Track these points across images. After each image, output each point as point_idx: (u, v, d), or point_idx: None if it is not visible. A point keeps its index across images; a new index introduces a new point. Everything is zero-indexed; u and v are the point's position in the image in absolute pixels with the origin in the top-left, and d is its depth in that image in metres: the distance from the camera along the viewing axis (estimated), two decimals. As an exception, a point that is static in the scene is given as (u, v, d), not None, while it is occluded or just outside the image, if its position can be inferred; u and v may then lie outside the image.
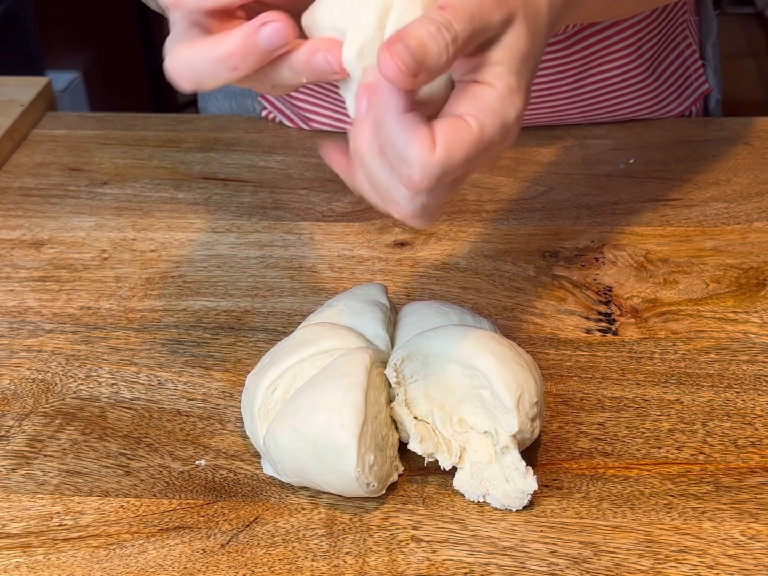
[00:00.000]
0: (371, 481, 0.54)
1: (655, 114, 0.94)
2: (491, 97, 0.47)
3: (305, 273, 0.76)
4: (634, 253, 0.76)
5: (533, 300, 0.71)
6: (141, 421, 0.62)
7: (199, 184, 0.87)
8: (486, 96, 0.47)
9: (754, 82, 2.75)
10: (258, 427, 0.57)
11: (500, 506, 0.55)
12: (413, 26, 0.45)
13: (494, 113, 0.47)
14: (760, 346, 0.66)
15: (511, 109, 0.48)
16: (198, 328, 0.70)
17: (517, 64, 0.49)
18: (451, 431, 0.56)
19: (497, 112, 0.47)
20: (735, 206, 0.81)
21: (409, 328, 0.60)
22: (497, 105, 0.47)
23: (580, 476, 0.57)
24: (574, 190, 0.84)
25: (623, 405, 0.62)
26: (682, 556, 0.52)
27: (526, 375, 0.56)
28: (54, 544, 0.54)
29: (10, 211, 0.85)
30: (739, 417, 0.61)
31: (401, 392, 0.57)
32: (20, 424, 0.62)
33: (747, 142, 0.90)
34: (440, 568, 0.52)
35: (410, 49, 0.44)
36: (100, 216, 0.83)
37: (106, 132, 0.96)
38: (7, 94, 0.98)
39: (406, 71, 0.44)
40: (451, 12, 0.45)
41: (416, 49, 0.44)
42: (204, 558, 0.53)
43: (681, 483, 0.57)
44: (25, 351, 0.68)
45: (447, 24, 0.45)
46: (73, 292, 0.74)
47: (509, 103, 0.48)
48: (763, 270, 0.74)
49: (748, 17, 3.03)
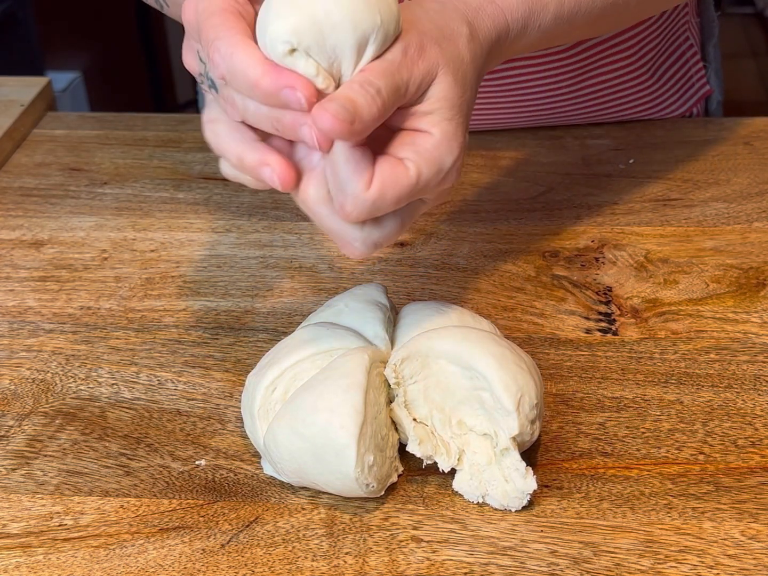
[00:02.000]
0: (371, 482, 0.54)
1: (656, 115, 0.94)
2: (429, 144, 0.51)
3: (305, 273, 0.76)
4: (634, 253, 0.76)
5: (533, 300, 0.72)
6: (141, 421, 0.62)
7: (199, 184, 0.87)
8: (424, 143, 0.51)
9: (754, 82, 2.75)
10: (258, 427, 0.57)
11: (499, 506, 0.55)
12: (339, 90, 0.49)
13: (432, 159, 0.51)
14: (760, 346, 0.66)
15: (449, 155, 0.52)
16: (198, 328, 0.70)
17: (449, 112, 0.52)
18: (450, 433, 0.56)
19: (435, 159, 0.51)
20: (735, 206, 0.81)
21: (409, 329, 0.60)
22: (435, 152, 0.51)
23: (580, 476, 0.57)
24: (574, 190, 0.84)
25: (623, 405, 0.62)
26: (682, 556, 0.52)
27: (526, 377, 0.56)
28: (54, 544, 0.54)
29: (10, 211, 0.85)
30: (739, 417, 0.61)
31: (400, 393, 0.57)
32: (20, 424, 0.62)
33: (747, 142, 0.90)
34: (440, 568, 0.52)
35: (341, 103, 0.48)
36: (100, 216, 0.83)
37: (106, 132, 0.96)
38: (7, 94, 0.98)
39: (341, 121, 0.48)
40: (369, 72, 0.50)
41: (347, 103, 0.48)
42: (204, 558, 0.53)
43: (681, 483, 0.57)
44: (25, 351, 0.68)
45: (368, 81, 0.49)
46: (73, 292, 0.74)
47: (446, 149, 0.52)
48: (763, 270, 0.74)
49: (748, 17, 3.03)
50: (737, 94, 2.12)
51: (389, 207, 0.51)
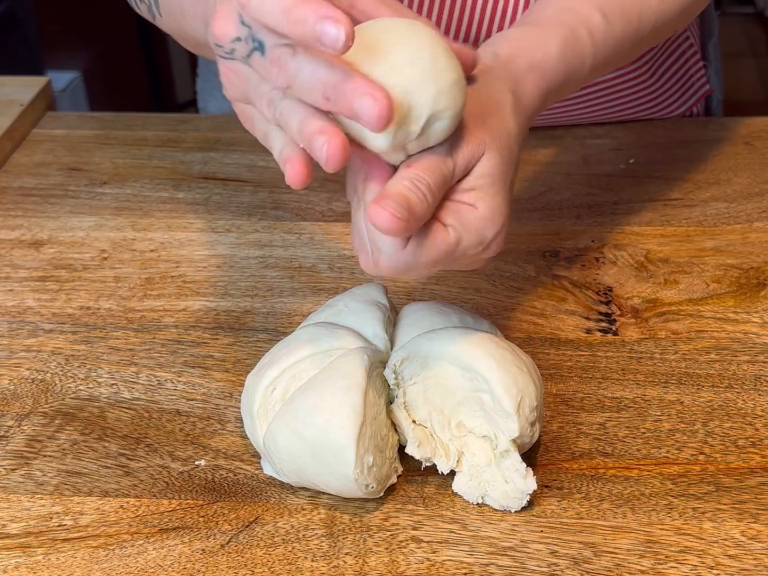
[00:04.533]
0: (370, 483, 0.54)
1: (656, 115, 0.94)
2: (473, 216, 0.53)
3: (305, 273, 0.75)
4: (635, 253, 0.76)
5: (533, 300, 0.71)
6: (141, 422, 0.62)
7: (199, 184, 0.87)
8: (468, 215, 0.53)
9: (754, 81, 2.75)
10: (257, 428, 0.57)
11: (499, 507, 0.55)
12: (391, 185, 0.50)
13: (474, 231, 0.53)
14: (761, 346, 0.66)
15: (491, 229, 0.53)
16: (198, 328, 0.70)
17: (493, 188, 0.54)
18: (450, 435, 0.56)
19: (477, 231, 0.53)
20: (735, 206, 0.81)
21: (409, 329, 0.60)
22: (478, 224, 0.53)
23: (581, 476, 0.57)
24: (575, 190, 0.84)
25: (623, 405, 0.62)
26: (683, 557, 0.52)
27: (527, 379, 0.55)
28: (53, 545, 0.54)
29: (9, 211, 0.84)
30: (739, 417, 0.61)
31: (400, 394, 0.57)
32: (20, 425, 0.62)
33: (747, 142, 0.90)
34: (440, 568, 0.52)
35: (397, 202, 0.49)
36: (100, 216, 0.83)
37: (105, 132, 0.96)
38: (6, 94, 0.98)
39: (399, 218, 0.49)
40: (417, 167, 0.51)
41: (401, 200, 0.49)
42: (204, 558, 0.53)
43: (681, 483, 0.57)
44: (25, 351, 0.68)
45: (418, 177, 0.51)
46: (73, 292, 0.74)
47: (489, 223, 0.53)
48: (763, 270, 0.74)
49: (748, 17, 3.03)
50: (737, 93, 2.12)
51: (423, 268, 0.52)
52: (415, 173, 0.51)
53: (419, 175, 0.51)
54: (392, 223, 0.49)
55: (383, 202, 0.49)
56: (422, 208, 0.50)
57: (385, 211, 0.49)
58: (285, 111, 0.51)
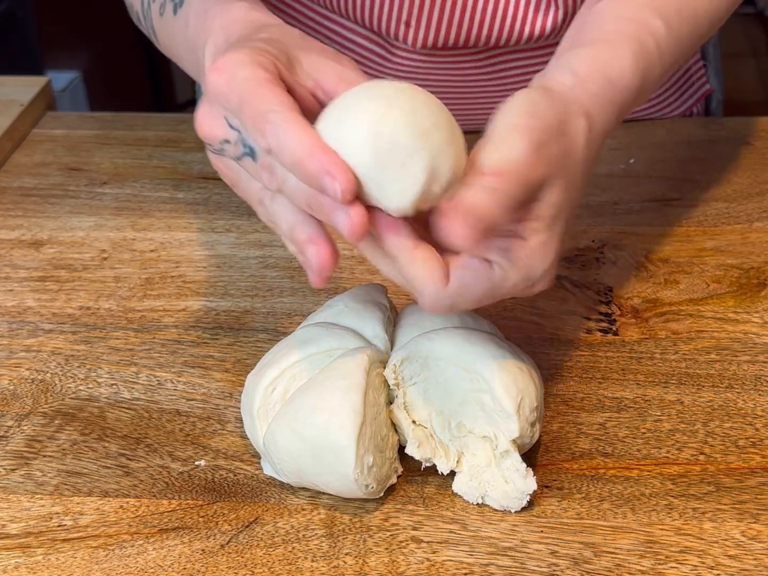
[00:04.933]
0: (370, 483, 0.54)
1: (656, 115, 0.94)
2: (523, 252, 0.51)
3: (305, 273, 0.75)
4: (635, 253, 0.76)
5: (533, 300, 0.71)
6: (140, 422, 0.62)
7: (199, 184, 0.87)
8: (517, 250, 0.50)
9: (754, 81, 2.74)
10: (257, 428, 0.57)
11: (499, 507, 0.55)
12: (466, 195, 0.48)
13: (522, 267, 0.51)
14: (761, 347, 0.66)
15: (541, 265, 0.51)
16: (197, 328, 0.70)
17: (551, 220, 0.51)
18: (449, 436, 0.56)
19: (525, 267, 0.51)
20: (736, 206, 0.81)
21: (409, 329, 0.60)
22: (527, 260, 0.51)
23: (581, 477, 0.57)
24: (575, 190, 0.84)
25: (624, 405, 0.62)
26: (683, 557, 0.52)
27: (527, 379, 0.55)
28: (53, 545, 0.54)
29: (9, 211, 0.84)
30: (739, 417, 0.61)
31: (400, 394, 0.57)
32: (19, 425, 0.62)
33: (747, 142, 0.90)
34: (440, 568, 0.52)
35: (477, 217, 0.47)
36: (100, 216, 0.83)
37: (105, 132, 0.96)
38: (6, 94, 0.98)
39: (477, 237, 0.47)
40: (498, 177, 0.48)
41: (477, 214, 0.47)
42: (204, 558, 0.53)
43: (681, 483, 0.57)
44: (25, 351, 0.68)
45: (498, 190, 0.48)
46: (73, 292, 0.74)
47: (539, 259, 0.51)
48: (763, 270, 0.74)
49: (748, 17, 3.03)
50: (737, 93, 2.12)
51: (470, 305, 0.51)
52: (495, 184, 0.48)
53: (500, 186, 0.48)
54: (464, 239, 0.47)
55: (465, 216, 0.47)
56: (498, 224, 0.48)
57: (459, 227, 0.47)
58: (275, 214, 0.52)
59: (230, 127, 0.52)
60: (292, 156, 0.48)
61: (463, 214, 0.47)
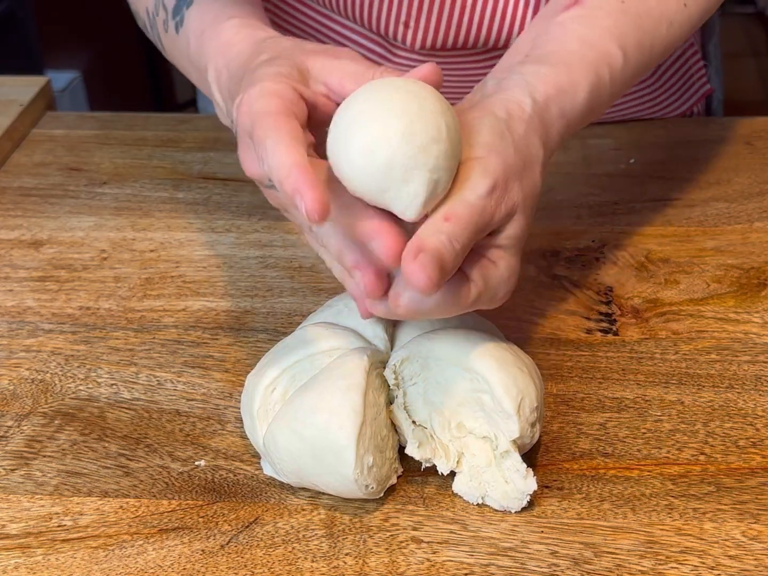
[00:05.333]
0: (370, 483, 0.54)
1: (656, 115, 0.94)
2: (494, 275, 0.54)
3: (305, 273, 0.75)
4: (635, 253, 0.76)
5: (534, 300, 0.71)
6: (140, 422, 0.62)
7: (199, 184, 0.87)
8: (490, 273, 0.54)
9: (754, 81, 2.74)
10: (257, 428, 0.57)
11: (499, 507, 0.55)
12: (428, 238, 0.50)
13: (491, 288, 0.54)
14: (761, 347, 0.66)
15: (505, 287, 0.55)
16: (197, 329, 0.70)
17: (515, 248, 0.55)
18: (449, 436, 0.56)
19: (494, 287, 0.54)
20: (736, 206, 0.81)
21: (409, 329, 0.60)
22: (496, 283, 0.54)
23: (581, 477, 0.57)
24: (575, 190, 0.84)
25: (624, 405, 0.62)
26: (683, 557, 0.52)
27: (527, 380, 0.55)
28: (53, 545, 0.54)
29: (9, 211, 0.84)
30: (740, 417, 0.61)
31: (400, 395, 0.57)
32: (19, 425, 0.62)
33: (748, 142, 0.90)
34: (440, 569, 0.52)
35: (433, 259, 0.49)
36: (100, 216, 0.83)
37: (105, 132, 0.96)
38: (6, 94, 0.98)
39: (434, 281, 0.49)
40: (455, 222, 0.51)
41: (437, 259, 0.49)
42: (203, 559, 0.53)
43: (682, 483, 0.56)
44: (24, 351, 0.68)
45: (455, 235, 0.50)
46: (73, 292, 0.74)
47: (505, 282, 0.55)
48: (764, 270, 0.73)
49: (748, 17, 3.03)
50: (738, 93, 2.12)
51: (438, 315, 0.54)
52: (452, 229, 0.51)
53: (456, 231, 0.51)
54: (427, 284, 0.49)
55: (421, 258, 0.49)
56: (452, 267, 0.51)
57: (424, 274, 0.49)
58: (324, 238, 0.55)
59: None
60: (276, 178, 0.50)
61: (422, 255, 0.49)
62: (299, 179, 0.48)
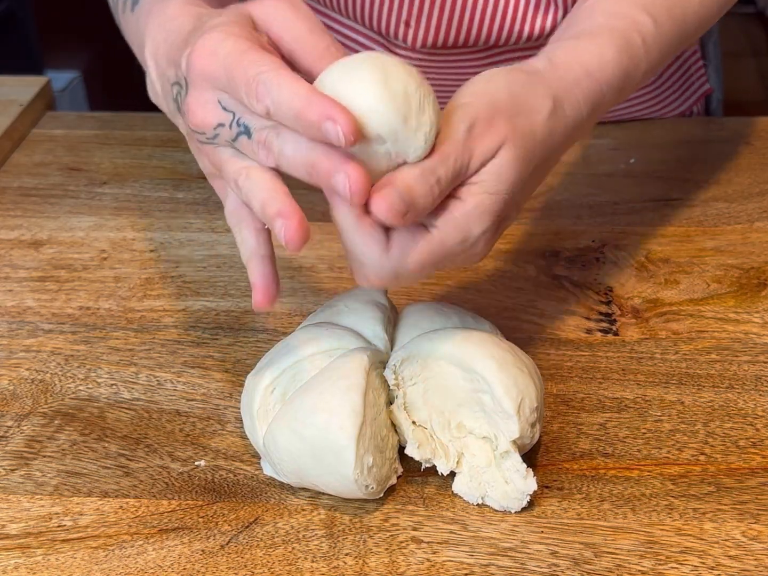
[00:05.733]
0: (370, 483, 0.54)
1: (656, 114, 0.94)
2: (457, 210, 0.51)
3: (305, 273, 0.75)
4: (635, 253, 0.76)
5: (534, 300, 0.71)
6: (140, 422, 0.62)
7: (199, 184, 0.87)
8: (452, 209, 0.51)
9: (754, 81, 2.74)
10: (257, 428, 0.57)
11: (499, 507, 0.55)
12: (401, 171, 0.49)
13: (456, 226, 0.51)
14: (762, 347, 0.66)
15: (477, 226, 0.51)
16: (197, 329, 0.70)
17: (495, 186, 0.52)
18: (449, 436, 0.56)
19: (460, 225, 0.51)
20: (736, 206, 0.81)
21: (409, 329, 0.60)
22: (461, 219, 0.51)
23: (581, 477, 0.57)
24: (575, 190, 0.84)
25: (624, 405, 0.62)
26: (683, 557, 0.52)
27: (527, 380, 0.55)
28: (53, 545, 0.54)
29: (9, 211, 0.84)
30: (740, 417, 0.61)
31: (400, 395, 0.57)
32: (19, 425, 0.62)
33: (748, 142, 0.90)
34: (440, 569, 0.52)
35: (399, 192, 0.48)
36: (100, 216, 0.83)
37: (105, 132, 0.96)
38: (6, 94, 0.98)
39: (396, 212, 0.48)
40: (431, 157, 0.49)
41: (405, 193, 0.48)
42: (203, 559, 0.53)
43: (682, 484, 0.56)
44: (24, 351, 0.68)
45: (430, 169, 0.49)
46: (72, 292, 0.74)
47: (475, 219, 0.51)
48: (764, 270, 0.73)
49: (748, 17, 3.03)
50: (737, 93, 2.12)
51: (413, 273, 0.51)
52: (427, 163, 0.49)
53: (431, 165, 0.49)
54: (388, 215, 0.48)
55: (386, 192, 0.48)
56: (425, 202, 0.49)
57: (385, 203, 0.48)
58: (249, 192, 0.52)
59: (223, 109, 0.52)
60: (290, 109, 0.48)
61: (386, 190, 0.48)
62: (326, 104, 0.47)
